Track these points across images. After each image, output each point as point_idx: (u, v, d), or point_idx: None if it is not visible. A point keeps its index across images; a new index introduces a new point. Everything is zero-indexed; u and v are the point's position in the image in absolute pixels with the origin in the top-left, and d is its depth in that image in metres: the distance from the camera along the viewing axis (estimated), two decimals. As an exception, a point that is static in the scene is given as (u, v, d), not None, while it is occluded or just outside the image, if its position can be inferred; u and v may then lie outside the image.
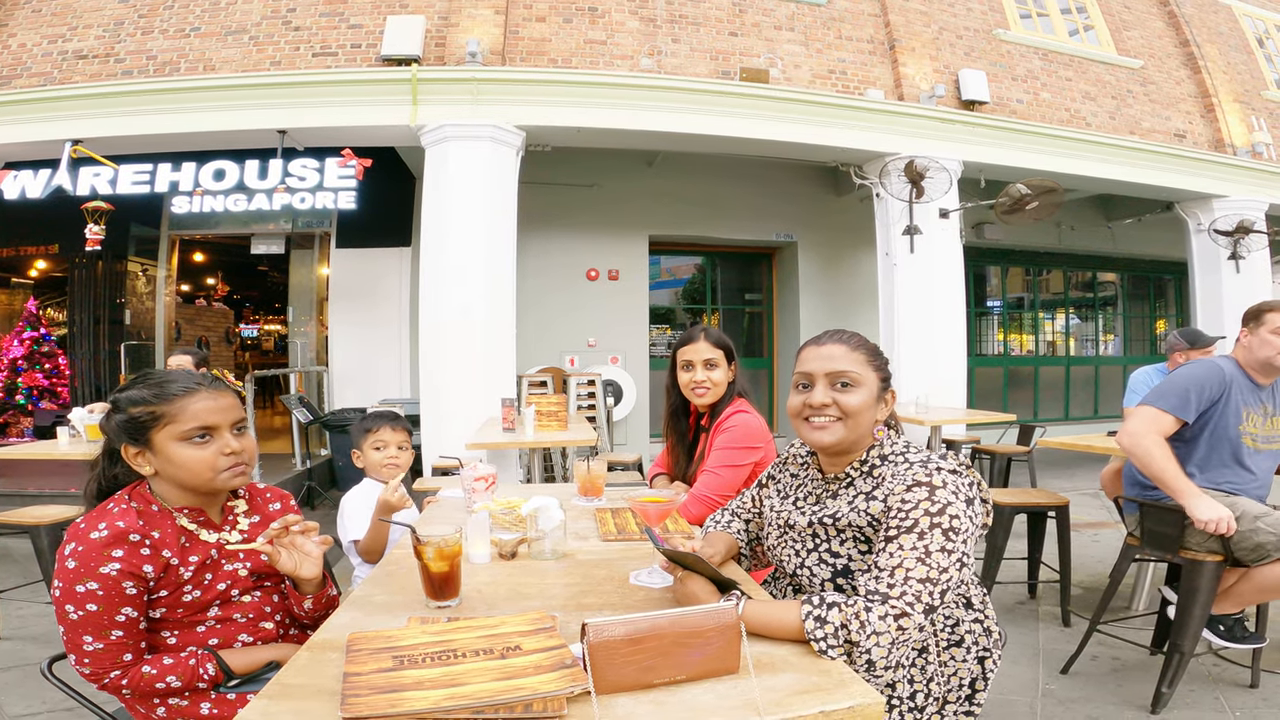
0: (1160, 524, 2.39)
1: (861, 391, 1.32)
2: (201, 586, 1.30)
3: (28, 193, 5.42)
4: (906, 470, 1.23)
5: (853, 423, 1.31)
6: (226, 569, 1.34)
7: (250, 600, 1.37)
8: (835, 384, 1.32)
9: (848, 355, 1.34)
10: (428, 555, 1.19)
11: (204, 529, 1.35)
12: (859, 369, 1.33)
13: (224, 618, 1.33)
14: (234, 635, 1.34)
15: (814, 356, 1.36)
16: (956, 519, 1.14)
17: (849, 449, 1.34)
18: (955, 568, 1.13)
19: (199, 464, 1.30)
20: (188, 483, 1.32)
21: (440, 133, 5.36)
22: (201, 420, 1.31)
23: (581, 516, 1.90)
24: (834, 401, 1.31)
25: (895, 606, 1.08)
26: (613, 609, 1.19)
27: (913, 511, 1.15)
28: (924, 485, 1.17)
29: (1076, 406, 9.56)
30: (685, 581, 1.20)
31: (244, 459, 1.35)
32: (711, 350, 2.18)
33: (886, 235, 6.26)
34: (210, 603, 1.31)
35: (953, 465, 1.23)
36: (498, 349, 5.38)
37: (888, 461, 1.30)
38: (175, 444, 1.30)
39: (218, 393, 1.36)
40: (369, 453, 2.29)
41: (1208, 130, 7.98)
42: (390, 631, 1.00)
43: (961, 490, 1.18)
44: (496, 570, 1.43)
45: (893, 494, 1.20)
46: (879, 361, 1.38)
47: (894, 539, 1.15)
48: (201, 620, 1.31)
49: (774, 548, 1.43)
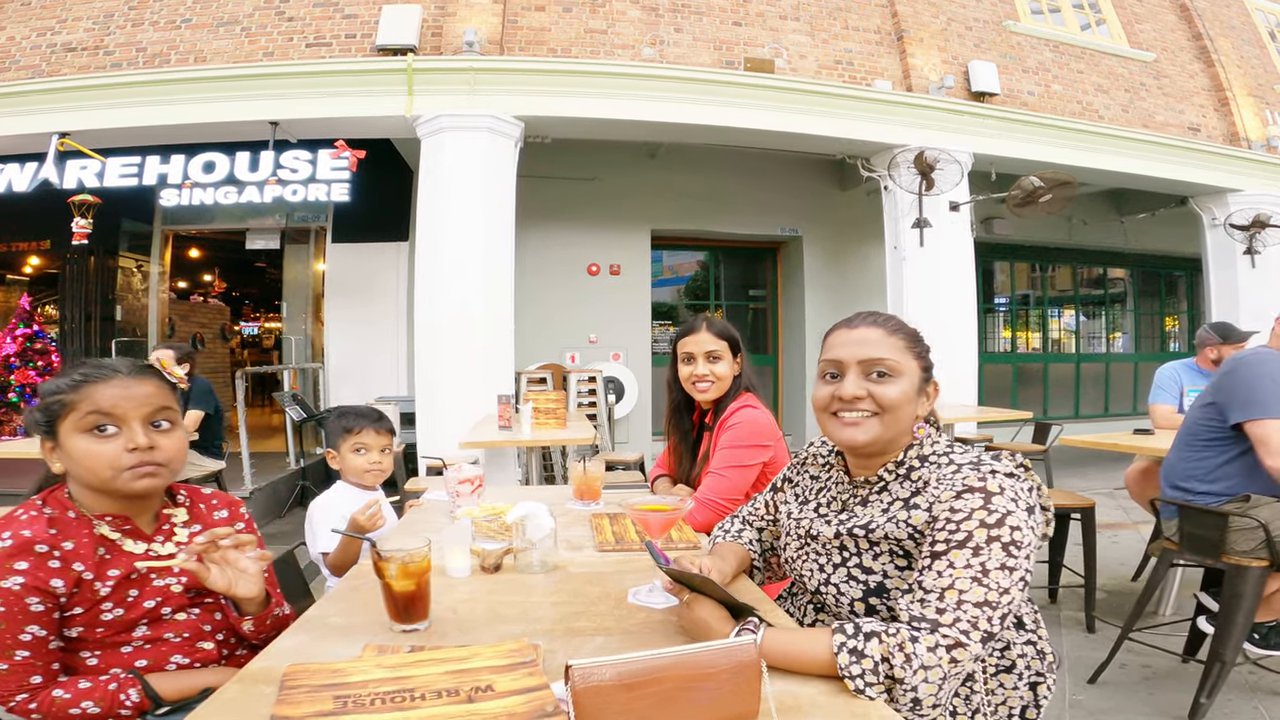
0: (1201, 527, 2.24)
1: (901, 382, 1.14)
2: (124, 604, 1.13)
3: (14, 186, 5.30)
4: (955, 474, 1.05)
5: (890, 419, 1.13)
6: (156, 584, 1.18)
7: (186, 618, 1.20)
8: (870, 373, 1.14)
9: (884, 340, 1.15)
10: (390, 573, 1.03)
11: (129, 539, 1.18)
12: (898, 356, 1.15)
13: (154, 638, 1.16)
14: (166, 657, 1.17)
15: (845, 341, 1.18)
16: (1018, 530, 0.97)
17: (884, 449, 1.16)
18: (1017, 588, 0.96)
19: (95, 460, 1.12)
20: (89, 483, 1.15)
21: (436, 123, 5.22)
22: (101, 408, 1.13)
23: (576, 523, 1.74)
24: (869, 394, 1.13)
25: (947, 635, 0.92)
26: (607, 634, 1.04)
27: (965, 523, 0.98)
28: (978, 491, 1.00)
29: (1087, 404, 9.39)
30: (692, 606, 1.04)
31: (156, 458, 1.16)
32: (714, 341, 2.00)
33: (895, 228, 6.10)
34: (136, 622, 1.14)
35: (1008, 467, 1.05)
36: (495, 345, 5.24)
37: (929, 463, 1.13)
38: (76, 436, 1.13)
39: (133, 380, 1.17)
40: (348, 455, 2.07)
41: (1222, 124, 7.82)
42: (337, 664, 0.83)
43: (1021, 497, 1.01)
44: (476, 586, 1.27)
45: (939, 501, 1.03)
46: (920, 348, 1.19)
47: (943, 555, 0.98)
48: (127, 640, 1.14)
49: (793, 560, 1.26)
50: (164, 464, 1.18)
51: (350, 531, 1.62)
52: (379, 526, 1.79)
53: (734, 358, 2.03)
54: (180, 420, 1.24)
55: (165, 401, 1.20)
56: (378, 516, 1.79)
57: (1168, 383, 3.59)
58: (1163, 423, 3.54)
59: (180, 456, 1.22)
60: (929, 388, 1.19)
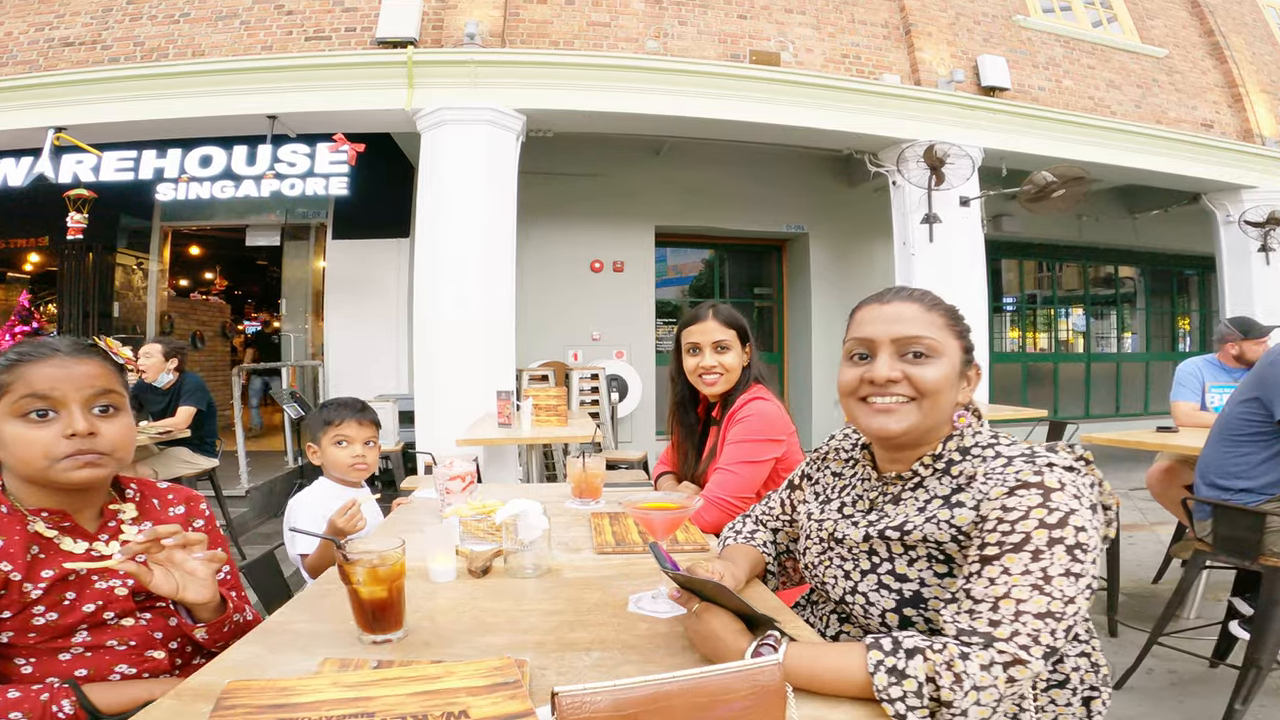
0: (1236, 528, 2.13)
1: (941, 363, 1.00)
2: (59, 608, 1.02)
3: (9, 181, 5.24)
4: (1005, 468, 0.92)
5: (929, 405, 1.00)
6: (98, 587, 1.06)
7: (134, 624, 1.08)
8: (905, 353, 1.01)
9: (922, 316, 1.02)
10: (357, 577, 0.91)
11: (68, 537, 1.06)
12: (937, 334, 1.01)
13: (95, 644, 1.05)
14: (110, 666, 1.05)
15: (876, 318, 1.04)
16: (1083, 531, 0.86)
17: (919, 440, 1.03)
18: (1084, 596, 0.85)
19: (28, 448, 1.01)
20: (23, 473, 1.04)
21: (437, 116, 5.13)
22: (36, 390, 1.01)
23: (575, 523, 1.63)
24: (904, 376, 1.00)
25: (1005, 652, 0.80)
26: (605, 648, 0.93)
27: (1022, 523, 0.86)
28: (1034, 487, 0.87)
29: (1098, 404, 9.24)
30: (702, 617, 0.92)
31: (97, 446, 1.05)
32: (722, 330, 1.86)
33: (904, 224, 5.99)
34: (73, 627, 1.03)
35: (1068, 460, 0.92)
36: (496, 341, 5.14)
37: (971, 456, 1.00)
38: (8, 421, 1.02)
39: (73, 359, 1.05)
40: (329, 449, 1.94)
41: (1235, 120, 7.71)
42: (287, 681, 0.72)
43: (1084, 493, 0.89)
44: (461, 591, 1.16)
45: (988, 499, 0.90)
46: (961, 326, 1.05)
47: (995, 560, 0.86)
48: (65, 647, 1.03)
49: (814, 566, 1.14)
50: (107, 453, 1.07)
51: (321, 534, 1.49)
52: (359, 529, 1.67)
53: (743, 347, 1.90)
54: (127, 405, 1.13)
55: (109, 384, 1.09)
56: (356, 518, 1.66)
57: (1189, 379, 3.47)
58: (1185, 420, 3.43)
59: (126, 444, 1.10)
60: (970, 371, 1.06)
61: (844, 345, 1.09)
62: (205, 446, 4.33)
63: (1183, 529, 3.19)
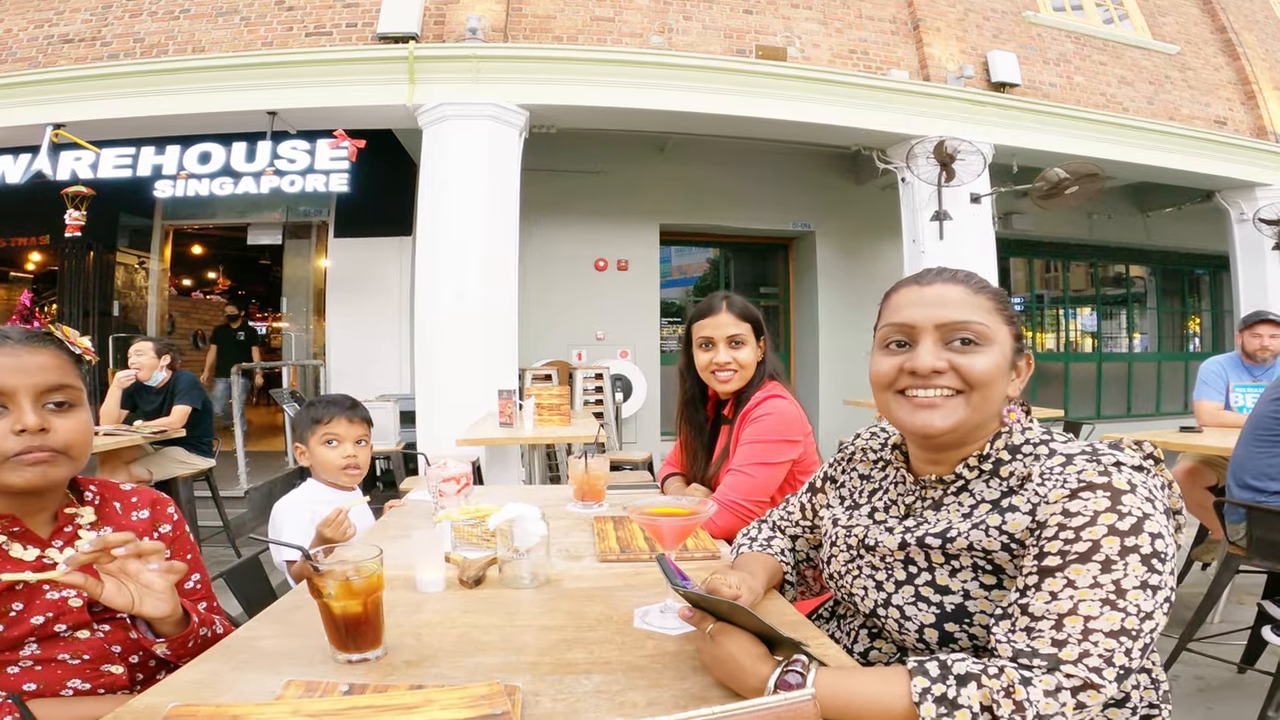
0: (1272, 530, 2.03)
1: (992, 352, 0.89)
2: (4, 619, 0.94)
3: (7, 178, 5.18)
4: (1065, 467, 0.82)
5: (979, 398, 0.88)
6: (49, 598, 0.97)
7: (89, 637, 1.00)
8: (951, 340, 0.90)
9: (969, 299, 0.90)
10: (328, 590, 0.82)
11: (17, 543, 0.98)
12: (986, 319, 0.90)
13: (46, 658, 0.96)
14: (62, 681, 0.97)
15: (917, 300, 0.93)
16: (1159, 539, 0.76)
17: (964, 438, 0.92)
18: (1162, 611, 0.75)
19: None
20: None
21: (439, 112, 5.05)
22: None
23: (577, 527, 1.54)
24: (950, 365, 0.89)
25: (1073, 676, 0.71)
26: (607, 670, 0.83)
27: (1089, 529, 0.76)
28: (1101, 489, 0.77)
29: (1109, 405, 9.12)
30: (718, 639, 0.82)
31: (50, 443, 0.97)
32: (737, 324, 1.74)
33: (913, 221, 5.89)
34: (20, 640, 0.95)
35: (1135, 459, 0.82)
36: (498, 340, 5.06)
37: (1021, 455, 0.89)
38: None
39: (24, 348, 0.97)
40: (317, 449, 1.84)
41: (1249, 118, 7.61)
42: (240, 707, 0.63)
43: (1157, 496, 0.79)
44: (450, 603, 1.06)
45: (1046, 502, 0.80)
46: (1010, 312, 0.94)
47: (1057, 571, 0.76)
48: (12, 660, 0.95)
49: (840, 576, 1.03)
50: (60, 450, 0.98)
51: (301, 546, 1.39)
52: (348, 538, 1.57)
53: (757, 341, 1.78)
54: (85, 400, 1.04)
55: (64, 376, 1.00)
56: (344, 526, 1.55)
57: (1213, 378, 3.38)
58: (1209, 420, 3.34)
59: (83, 442, 1.01)
60: (1021, 362, 0.95)
61: (877, 332, 0.98)
62: (201, 446, 4.26)
63: (1204, 532, 3.10)
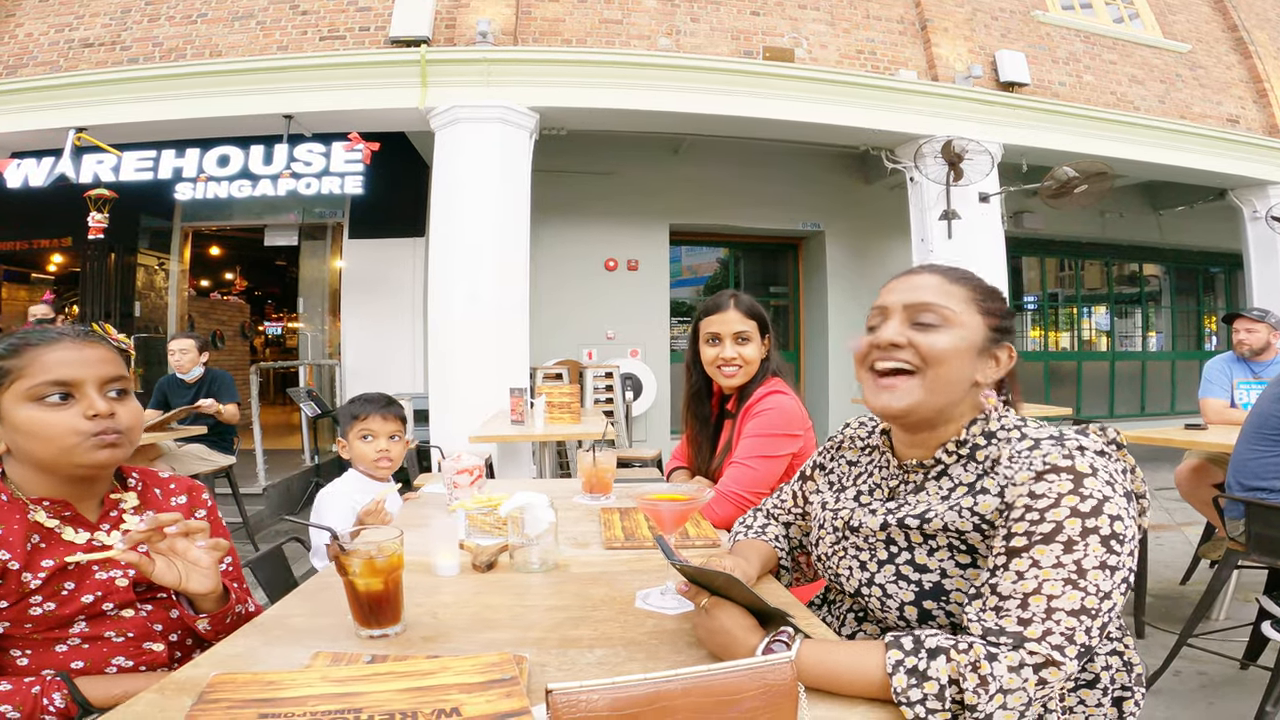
0: (1271, 527, 2.06)
1: (952, 333, 0.94)
2: (57, 598, 1.01)
3: (30, 181, 5.29)
4: (1032, 451, 0.86)
5: (933, 377, 0.93)
6: (98, 577, 1.05)
7: (133, 616, 1.07)
8: (916, 320, 0.95)
9: (941, 286, 0.96)
10: (353, 569, 0.89)
11: (69, 526, 1.05)
12: (954, 305, 0.95)
13: (93, 636, 1.04)
14: (107, 659, 1.04)
15: (896, 287, 1.00)
16: (1119, 521, 0.80)
17: (932, 421, 0.97)
18: (1120, 591, 0.79)
19: (54, 429, 1.01)
20: (43, 457, 1.03)
21: (450, 115, 5.14)
22: (56, 374, 1.02)
23: (585, 518, 1.61)
24: (910, 342, 0.94)
25: (1035, 653, 0.75)
26: (609, 645, 0.90)
27: (1052, 511, 0.80)
28: (1065, 472, 0.81)
29: (1122, 404, 9.09)
30: (712, 611, 0.88)
31: (118, 427, 1.05)
32: (743, 321, 1.81)
33: (922, 221, 5.91)
34: (71, 618, 1.02)
35: (1099, 444, 0.86)
36: (510, 339, 5.14)
37: (996, 440, 0.94)
38: (25, 406, 1.01)
39: (84, 343, 1.06)
40: (355, 444, 2.00)
41: (1261, 116, 7.55)
42: (275, 674, 0.70)
43: (1118, 480, 0.83)
44: (464, 586, 1.13)
45: (1013, 484, 0.84)
46: (991, 304, 0.98)
47: (1023, 552, 0.80)
48: (62, 638, 1.02)
49: (827, 557, 1.08)
50: (124, 432, 1.07)
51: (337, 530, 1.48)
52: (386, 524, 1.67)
53: (762, 339, 1.85)
54: (132, 389, 1.13)
55: (119, 368, 1.10)
56: (382, 514, 1.66)
57: (1218, 376, 3.40)
58: (1215, 418, 3.36)
59: (139, 425, 1.11)
60: (999, 351, 0.98)
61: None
62: (223, 444, 4.36)
63: (1211, 529, 3.12)
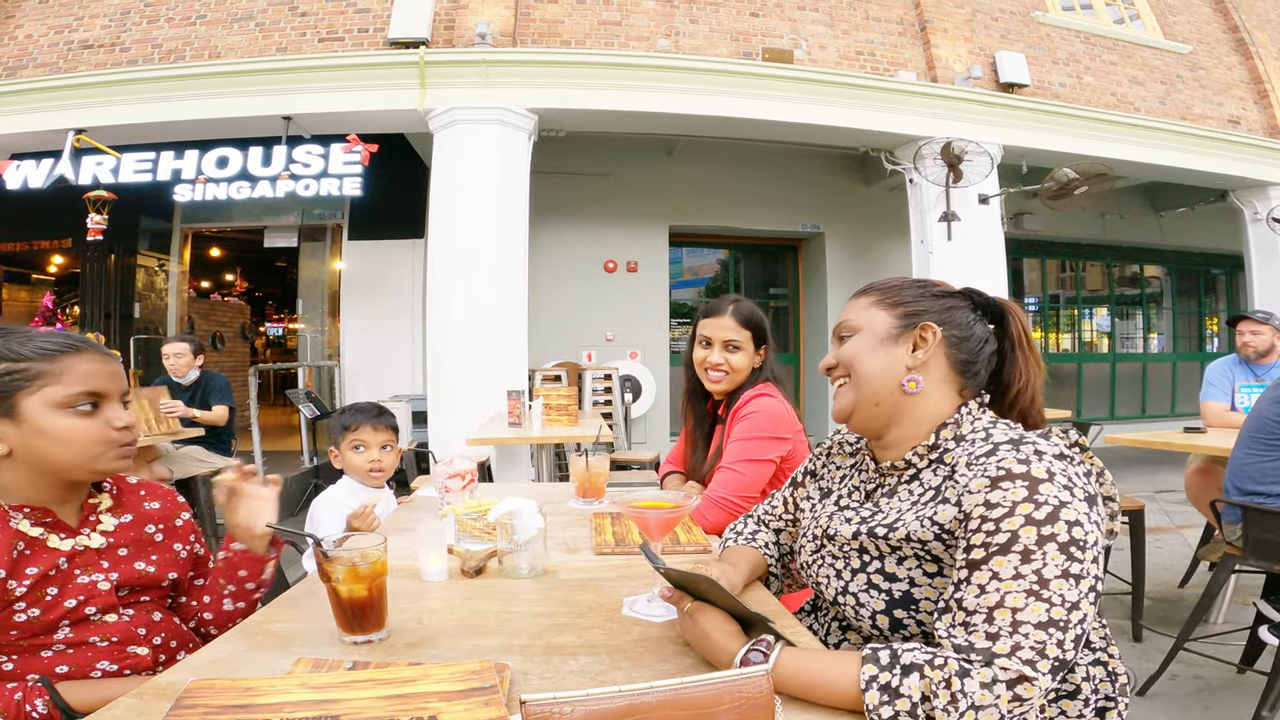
0: (1268, 531, 2.05)
1: (858, 338, 1.02)
2: (41, 604, 1.01)
3: (30, 182, 5.30)
4: (988, 456, 0.83)
5: (856, 380, 1.00)
6: (80, 581, 1.05)
7: (117, 620, 1.08)
8: (839, 339, 1.05)
9: (852, 305, 1.06)
10: (336, 575, 0.89)
11: (52, 533, 1.06)
12: (858, 315, 1.03)
13: (77, 641, 1.04)
14: (91, 663, 1.04)
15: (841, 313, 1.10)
16: (1078, 526, 0.77)
17: (882, 420, 1.00)
18: (1088, 600, 0.76)
19: (83, 437, 1.03)
20: (59, 462, 1.04)
21: (449, 116, 5.14)
22: (91, 385, 1.05)
23: (577, 523, 1.60)
24: (836, 359, 1.04)
25: (1007, 669, 0.72)
26: (593, 652, 0.89)
27: (1006, 520, 0.78)
28: (1020, 479, 0.79)
29: (1123, 405, 9.07)
30: (695, 616, 0.87)
31: (134, 437, 1.10)
32: (737, 330, 1.79)
33: (921, 223, 5.91)
34: (55, 624, 1.02)
35: (1058, 447, 0.84)
36: (508, 341, 5.13)
37: (964, 442, 0.93)
38: (54, 413, 1.02)
39: (106, 356, 1.09)
40: (348, 454, 2.00)
41: (1262, 117, 7.54)
42: (253, 680, 0.70)
43: (1077, 483, 0.80)
44: (453, 591, 1.13)
45: (969, 492, 0.82)
46: (896, 298, 1.02)
47: (982, 564, 0.78)
48: (46, 644, 1.02)
49: (808, 566, 1.08)
50: (134, 442, 1.11)
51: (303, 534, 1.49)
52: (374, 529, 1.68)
53: (756, 350, 1.82)
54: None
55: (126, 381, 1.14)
56: (370, 518, 1.67)
57: (1219, 379, 3.38)
58: (1215, 420, 3.34)
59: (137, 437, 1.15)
60: (921, 332, 0.98)
61: None
62: (221, 445, 4.36)
63: (1211, 531, 3.11)
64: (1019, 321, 1.04)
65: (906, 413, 0.98)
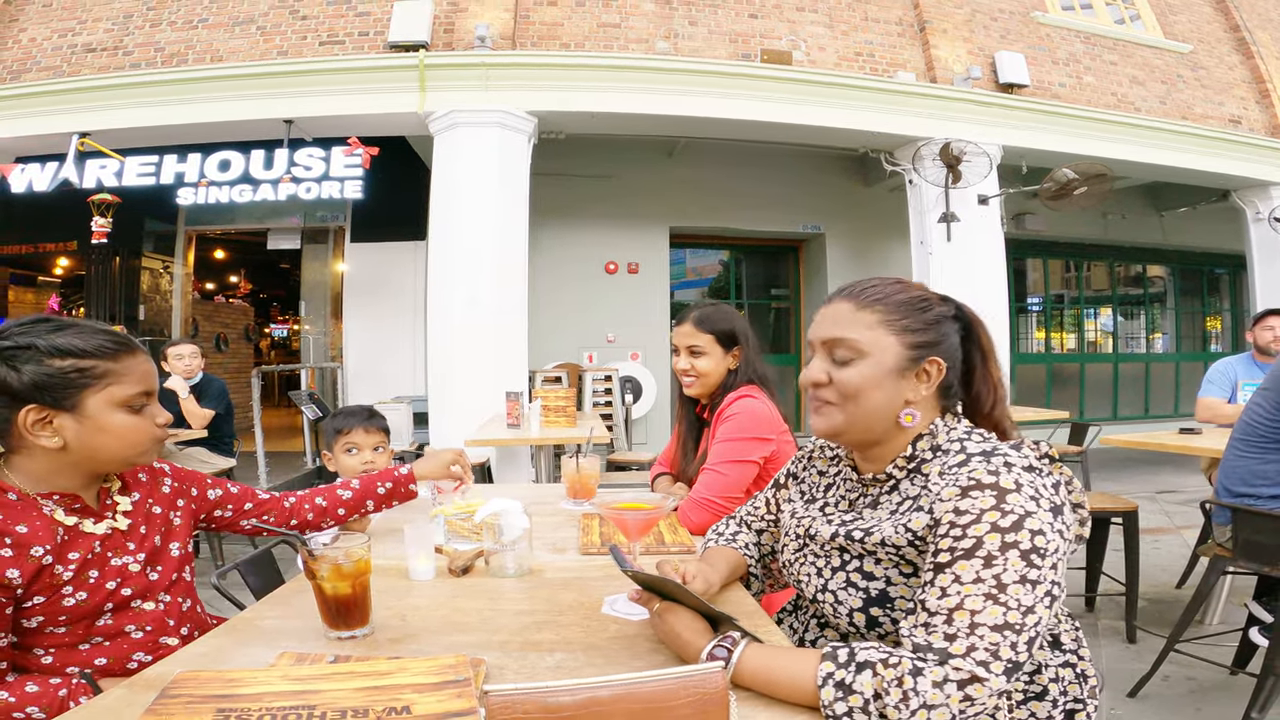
0: (1258, 533, 2.05)
1: (863, 366, 0.96)
2: (86, 587, 1.05)
3: (35, 186, 5.34)
4: (960, 467, 0.87)
5: (852, 407, 0.97)
6: (114, 563, 1.09)
7: (153, 608, 1.12)
8: (834, 355, 0.99)
9: (850, 316, 0.99)
10: (321, 573, 0.92)
11: (84, 519, 1.10)
12: (862, 333, 0.97)
13: (114, 631, 1.08)
14: (128, 655, 1.08)
15: (819, 318, 1.03)
16: (1040, 535, 0.80)
17: (868, 440, 1.00)
18: (1043, 605, 0.79)
19: (138, 434, 1.09)
20: (109, 456, 1.09)
21: (449, 119, 5.17)
22: (147, 385, 1.11)
23: (567, 523, 1.62)
24: (829, 379, 0.99)
25: (959, 669, 0.75)
26: (569, 649, 0.91)
27: (974, 527, 0.81)
28: (989, 489, 0.82)
29: (1126, 406, 9.04)
30: (664, 616, 0.90)
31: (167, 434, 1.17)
32: (695, 335, 1.84)
33: (921, 223, 5.91)
34: (99, 607, 1.06)
35: (1028, 459, 0.87)
36: (509, 343, 5.16)
37: (940, 453, 0.95)
38: (115, 411, 1.07)
39: (148, 354, 1.16)
40: (340, 457, 2.00)
41: (1264, 116, 7.53)
42: (237, 672, 0.73)
43: (1044, 494, 0.83)
44: (439, 590, 1.15)
45: (940, 500, 0.85)
46: (907, 321, 0.98)
47: (946, 568, 0.81)
48: (85, 636, 1.06)
49: (790, 564, 1.10)
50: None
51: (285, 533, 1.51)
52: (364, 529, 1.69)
53: (726, 351, 1.85)
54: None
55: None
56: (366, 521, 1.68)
57: (1219, 377, 3.38)
58: (1205, 414, 3.35)
59: None
60: (926, 366, 0.98)
61: None
62: (223, 447, 4.40)
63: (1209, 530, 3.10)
64: (985, 332, 1.05)
65: (895, 436, 1.00)
